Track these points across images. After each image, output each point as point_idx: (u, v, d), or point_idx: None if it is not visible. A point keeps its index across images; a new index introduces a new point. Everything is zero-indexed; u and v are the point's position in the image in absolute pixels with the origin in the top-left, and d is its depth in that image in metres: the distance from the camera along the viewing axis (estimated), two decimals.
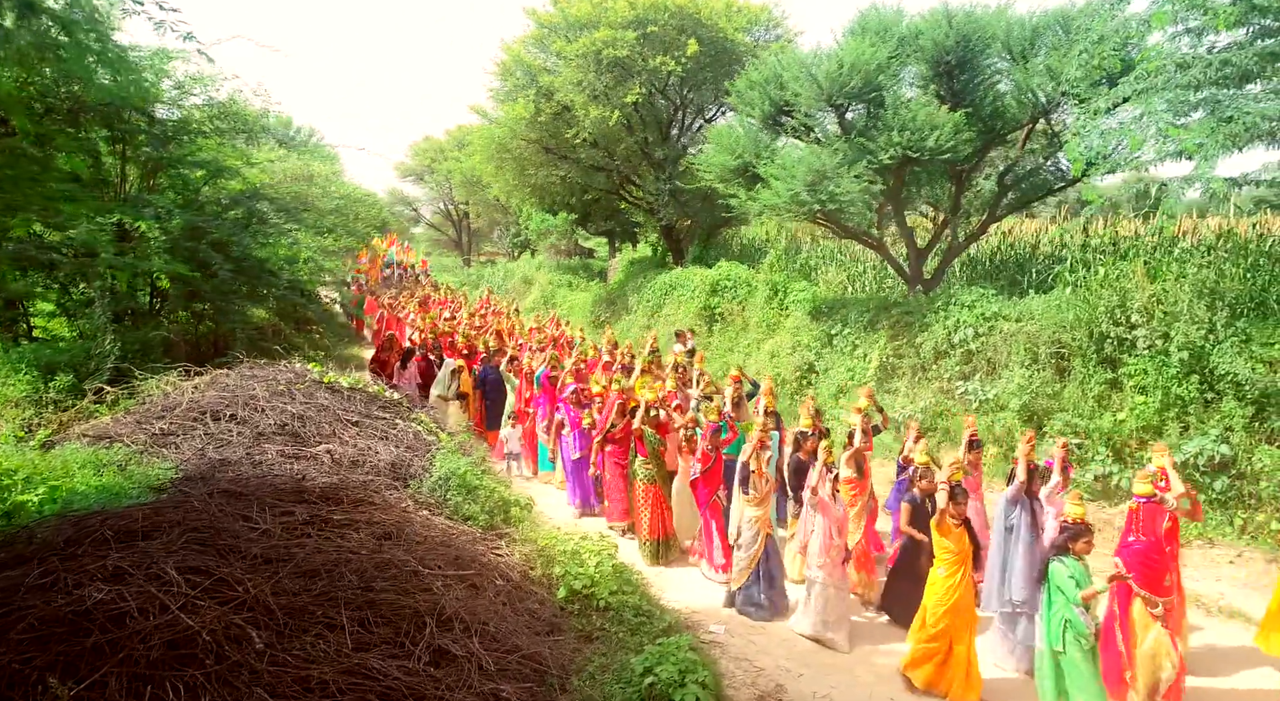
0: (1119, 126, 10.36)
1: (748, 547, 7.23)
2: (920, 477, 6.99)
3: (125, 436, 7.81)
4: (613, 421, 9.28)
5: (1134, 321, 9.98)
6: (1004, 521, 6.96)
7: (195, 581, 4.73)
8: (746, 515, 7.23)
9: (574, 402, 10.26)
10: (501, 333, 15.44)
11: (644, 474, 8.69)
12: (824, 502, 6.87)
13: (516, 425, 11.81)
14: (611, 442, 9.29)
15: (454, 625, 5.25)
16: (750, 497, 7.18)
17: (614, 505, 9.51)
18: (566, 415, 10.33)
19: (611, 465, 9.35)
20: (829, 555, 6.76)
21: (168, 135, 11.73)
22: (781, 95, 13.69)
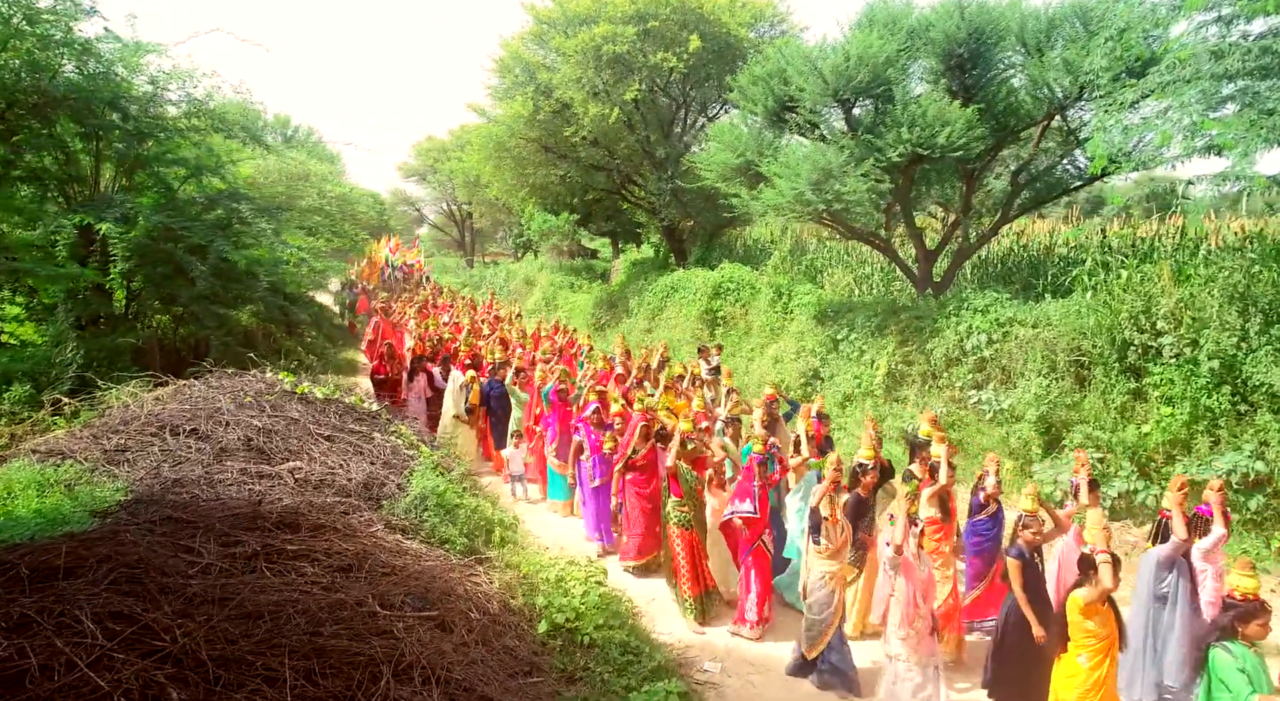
0: (1142, 122, 9.79)
1: (822, 608, 5.96)
2: (1025, 527, 5.73)
3: (79, 452, 7.28)
4: (634, 446, 8.12)
5: (1160, 328, 9.39)
6: (1154, 588, 5.77)
7: (114, 630, 4.18)
8: (818, 570, 5.95)
9: (594, 424, 9.04)
10: (506, 341, 14.56)
11: (678, 518, 7.28)
12: (909, 563, 5.68)
13: (521, 443, 10.79)
14: (633, 470, 8.16)
15: (414, 674, 4.69)
16: (823, 549, 5.91)
17: (630, 541, 8.26)
18: (586, 438, 9.04)
19: (632, 495, 8.15)
20: (913, 626, 5.64)
21: (142, 131, 11.21)
22: (785, 90, 13.12)
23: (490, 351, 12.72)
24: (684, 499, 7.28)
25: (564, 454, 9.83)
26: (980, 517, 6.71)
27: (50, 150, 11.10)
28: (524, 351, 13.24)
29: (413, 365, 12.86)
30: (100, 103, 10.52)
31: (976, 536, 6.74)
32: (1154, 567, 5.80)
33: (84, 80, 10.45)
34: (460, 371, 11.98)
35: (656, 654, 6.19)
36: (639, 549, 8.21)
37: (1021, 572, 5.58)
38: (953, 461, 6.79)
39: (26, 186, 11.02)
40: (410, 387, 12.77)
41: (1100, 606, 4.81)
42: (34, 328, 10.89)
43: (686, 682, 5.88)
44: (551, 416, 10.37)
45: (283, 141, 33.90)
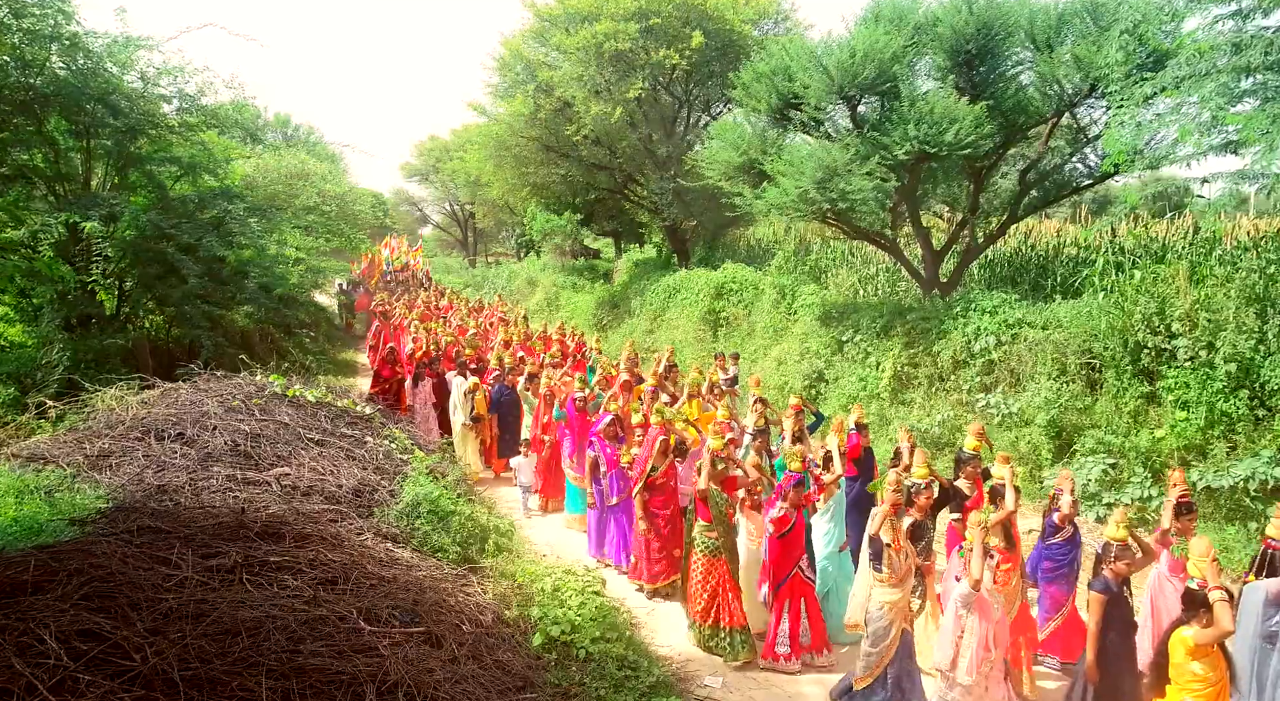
0: (1156, 118, 9.55)
1: (879, 640, 5.48)
2: (1116, 558, 5.20)
3: (61, 458, 7.07)
4: (654, 463, 7.45)
5: (1174, 330, 9.13)
6: (1261, 626, 5.24)
7: (81, 649, 3.96)
8: (878, 599, 5.47)
9: (609, 437, 8.38)
10: (510, 343, 14.04)
11: (705, 544, 6.57)
12: (984, 601, 5.15)
13: (530, 453, 10.12)
14: (651, 489, 7.48)
15: (399, 693, 4.46)
16: (885, 577, 5.41)
17: (645, 563, 7.63)
18: (601, 452, 8.34)
19: (649, 516, 7.52)
20: (981, 669, 5.14)
21: (134, 128, 11.00)
22: (789, 87, 12.89)
23: (497, 356, 12.09)
24: (713, 524, 6.56)
25: (582, 467, 9.25)
26: (1056, 541, 6.18)
27: (40, 148, 10.90)
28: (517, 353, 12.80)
29: (417, 371, 12.34)
30: (90, 99, 10.31)
31: (1050, 562, 6.20)
32: (1261, 604, 5.15)
33: (73, 76, 10.24)
34: (463, 377, 11.56)
35: (655, 668, 5.96)
36: (653, 573, 7.62)
37: (1106, 608, 5.08)
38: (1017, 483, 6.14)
39: (15, 185, 10.82)
40: (415, 393, 12.30)
41: (1210, 648, 4.43)
42: (22, 329, 10.70)
43: (686, 699, 5.65)
44: (568, 427, 9.75)
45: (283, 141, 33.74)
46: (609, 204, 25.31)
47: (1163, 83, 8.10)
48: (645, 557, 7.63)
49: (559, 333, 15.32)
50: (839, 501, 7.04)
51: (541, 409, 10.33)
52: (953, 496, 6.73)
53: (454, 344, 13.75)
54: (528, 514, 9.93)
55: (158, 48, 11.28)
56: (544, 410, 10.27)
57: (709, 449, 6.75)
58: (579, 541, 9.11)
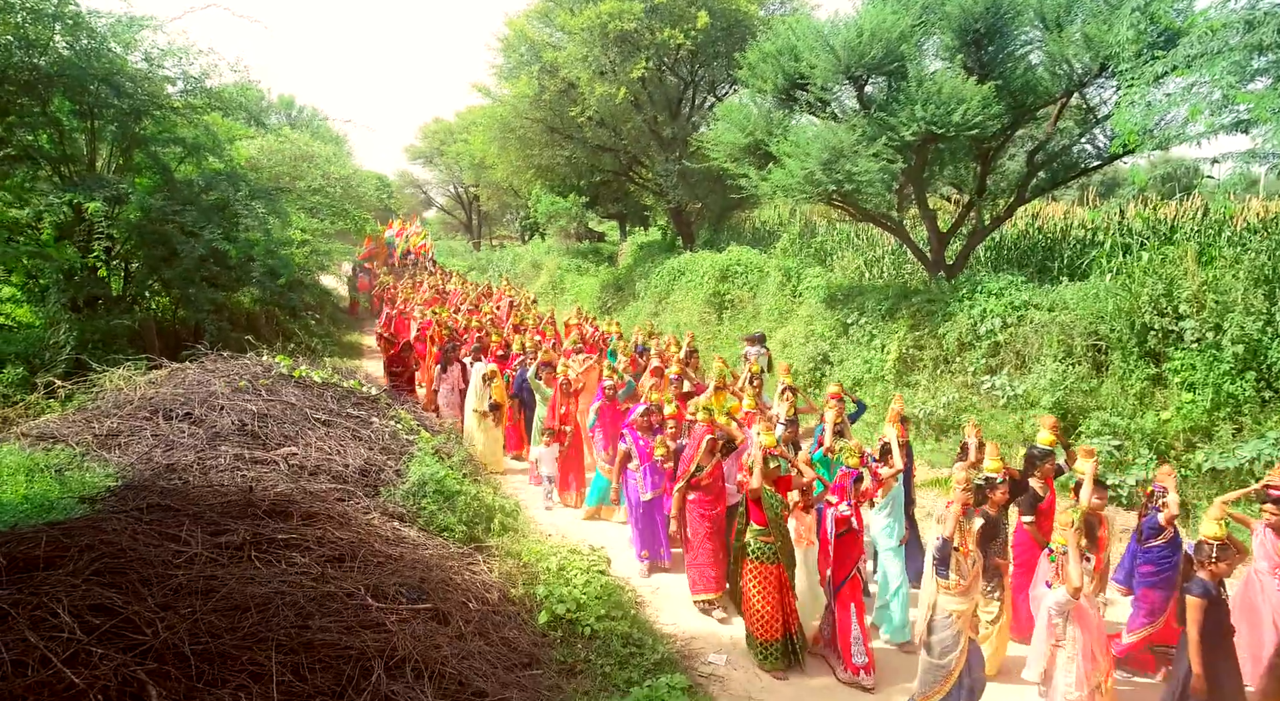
0: (1166, 98, 9.44)
1: (944, 652, 5.11)
2: (1215, 559, 4.82)
3: (70, 437, 7.12)
4: (699, 462, 6.99)
5: (1181, 311, 9.09)
6: None
7: (93, 623, 4.01)
8: (944, 607, 5.09)
9: (643, 429, 7.91)
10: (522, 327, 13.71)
11: (760, 549, 6.09)
12: (1083, 610, 4.77)
13: (552, 443, 9.68)
14: (696, 490, 7.05)
15: (407, 668, 4.52)
16: (951, 584, 5.04)
17: (699, 572, 7.03)
18: (634, 444, 7.85)
19: (696, 519, 7.00)
20: (1090, 682, 4.76)
21: (138, 110, 10.97)
22: (796, 68, 12.77)
23: (519, 342, 11.67)
24: (768, 527, 6.06)
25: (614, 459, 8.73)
26: (1157, 544, 5.75)
27: (44, 128, 10.89)
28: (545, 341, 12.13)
29: (446, 355, 11.86)
30: (94, 79, 10.29)
31: (1151, 565, 5.78)
32: None
33: (77, 56, 10.21)
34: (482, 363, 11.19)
35: (660, 646, 6.01)
36: (710, 581, 6.98)
37: (1205, 613, 4.70)
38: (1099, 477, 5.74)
39: (21, 166, 10.82)
40: (443, 378, 11.80)
41: None
42: (29, 309, 10.73)
43: (690, 676, 5.70)
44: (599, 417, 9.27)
45: (287, 122, 33.62)
46: (614, 186, 25.22)
47: (1174, 61, 8.00)
48: (694, 564, 7.06)
49: (578, 317, 14.78)
50: (897, 496, 6.70)
51: (558, 397, 9.92)
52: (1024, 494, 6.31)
53: (479, 329, 13.36)
54: (550, 506, 9.57)
55: (161, 28, 11.25)
56: (561, 399, 9.88)
57: (760, 445, 6.19)
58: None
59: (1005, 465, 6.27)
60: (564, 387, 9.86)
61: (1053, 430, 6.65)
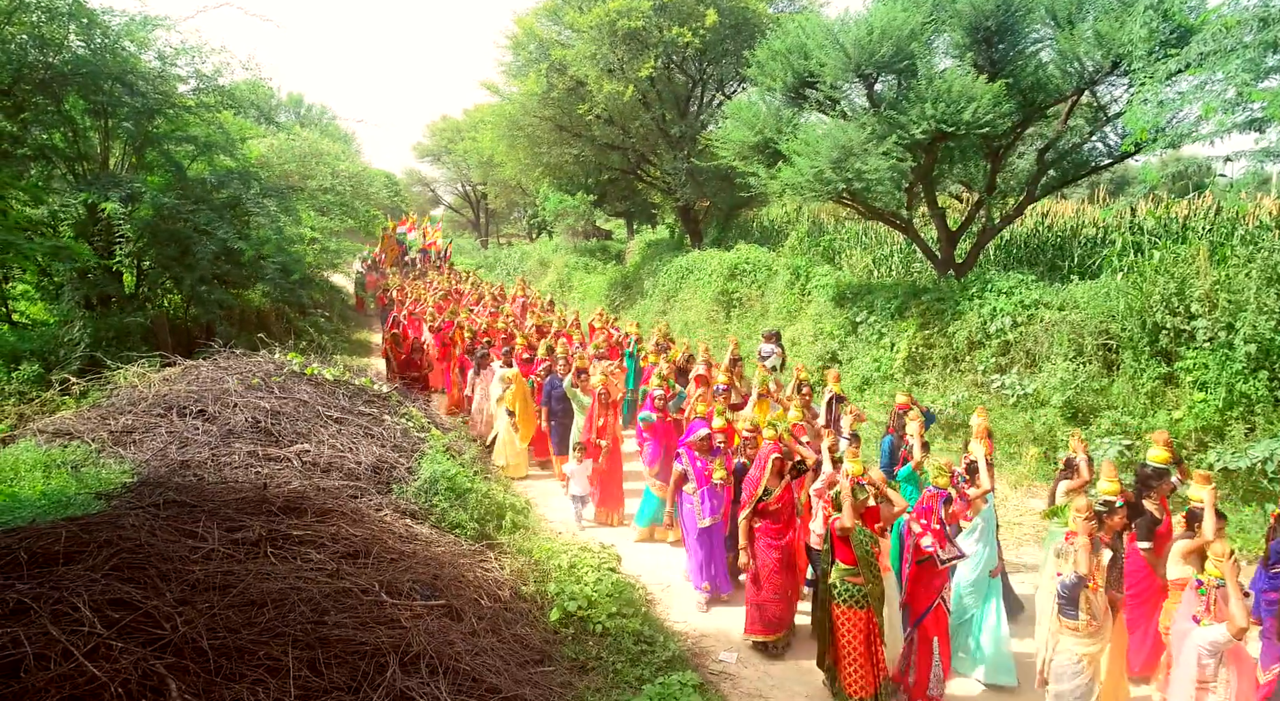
0: (1178, 96, 9.41)
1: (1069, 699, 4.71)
2: None
3: (86, 433, 7.19)
4: (766, 485, 6.30)
5: (1193, 310, 9.06)
6: None
7: (113, 618, 4.06)
8: (1071, 651, 4.64)
9: (701, 450, 7.11)
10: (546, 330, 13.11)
11: (849, 593, 5.35)
12: (1241, 651, 4.36)
13: (585, 459, 8.92)
14: (763, 516, 6.32)
15: (421, 664, 4.55)
16: (1081, 624, 4.59)
17: (760, 609, 6.29)
18: (691, 466, 7.05)
19: (764, 549, 6.27)
20: None
21: (151, 108, 11.04)
22: (805, 66, 12.76)
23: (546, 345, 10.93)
24: (856, 567, 5.32)
25: (666, 475, 8.04)
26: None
27: (58, 127, 10.97)
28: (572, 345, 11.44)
29: (480, 357, 11.43)
30: (108, 78, 10.36)
31: (1277, 593, 5.24)
32: None
33: (91, 55, 10.28)
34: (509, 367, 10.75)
35: (671, 644, 6.03)
36: (770, 619, 6.27)
37: None
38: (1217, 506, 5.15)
39: (35, 164, 10.91)
40: (476, 382, 11.38)
41: None
42: (44, 307, 10.81)
43: (702, 674, 5.73)
44: (650, 431, 8.57)
45: (296, 120, 33.73)
46: (622, 184, 25.21)
47: (1187, 59, 7.97)
48: (757, 599, 6.30)
49: (601, 320, 14.30)
50: (988, 518, 6.08)
51: (596, 409, 9.18)
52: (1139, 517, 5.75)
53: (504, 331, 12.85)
54: (582, 526, 8.83)
55: (175, 27, 11.32)
56: (599, 411, 9.14)
57: (848, 474, 5.48)
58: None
59: (1124, 489, 5.73)
60: (602, 398, 9.12)
61: (1166, 446, 6.05)
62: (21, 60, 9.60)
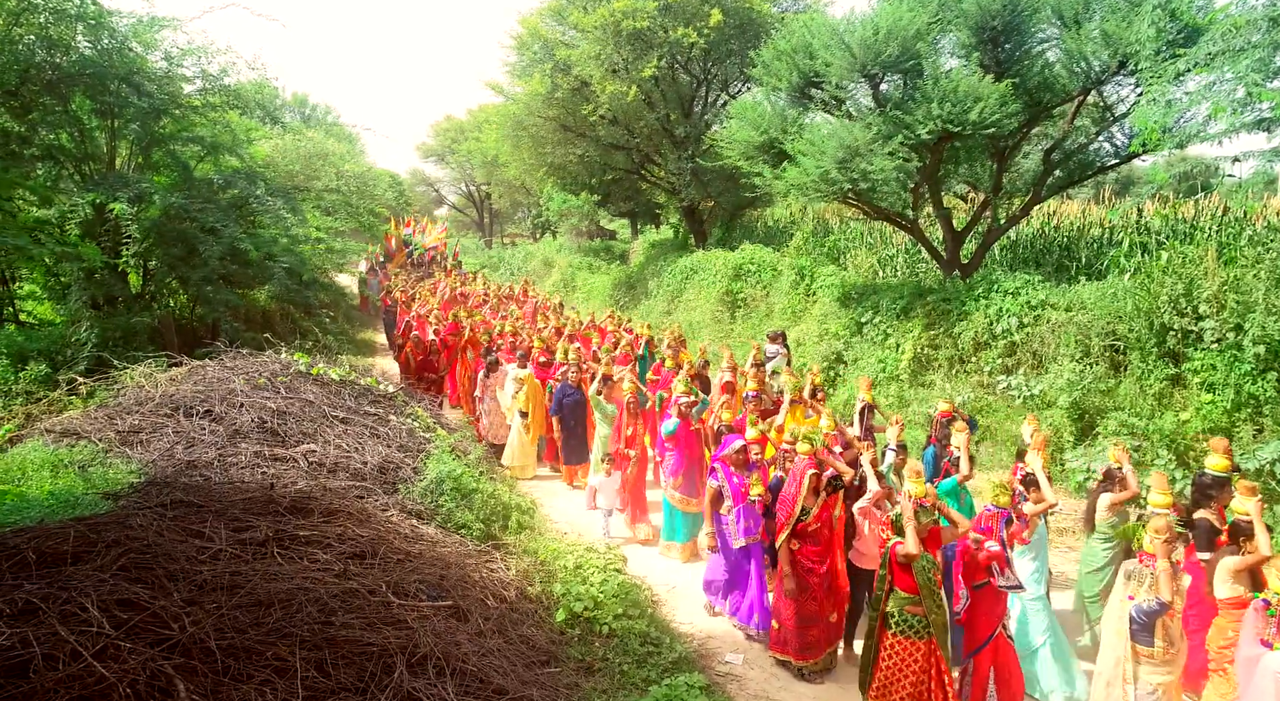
0: (1186, 97, 9.38)
1: None
2: None
3: (93, 433, 7.21)
4: (803, 503, 5.83)
5: (1201, 311, 9.03)
6: None
7: (121, 618, 4.06)
8: (1146, 682, 4.45)
9: (737, 465, 6.56)
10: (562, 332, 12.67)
11: (907, 623, 4.94)
12: None
13: (614, 471, 8.45)
14: (801, 537, 5.87)
15: (428, 665, 4.55)
16: (1156, 652, 4.35)
17: (796, 632, 5.87)
18: (727, 483, 6.48)
19: (803, 574, 5.86)
20: None
21: (158, 109, 11.07)
22: (811, 65, 12.75)
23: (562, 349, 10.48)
24: (918, 595, 4.88)
25: (689, 487, 7.81)
26: None
27: (65, 127, 11.00)
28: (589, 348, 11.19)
29: (490, 362, 11.14)
30: (115, 79, 10.39)
31: None
32: None
33: (98, 55, 10.31)
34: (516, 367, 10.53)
35: (677, 645, 6.02)
36: (810, 641, 5.89)
37: None
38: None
39: (42, 165, 10.94)
40: (486, 384, 11.09)
41: None
42: (51, 307, 10.84)
43: (708, 675, 5.71)
44: (675, 443, 7.99)
45: (300, 120, 33.79)
46: (626, 184, 25.22)
47: (1195, 58, 7.95)
48: (792, 625, 5.89)
49: (614, 322, 13.92)
50: (1042, 536, 5.85)
51: (625, 418, 8.79)
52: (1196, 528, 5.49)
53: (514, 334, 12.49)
54: (609, 541, 8.23)
55: (182, 27, 11.34)
56: (628, 419, 8.75)
57: (910, 495, 5.03)
58: (596, 517, 8.60)
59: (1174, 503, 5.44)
60: (630, 406, 8.72)
61: (1227, 454, 5.75)
62: (29, 61, 9.64)
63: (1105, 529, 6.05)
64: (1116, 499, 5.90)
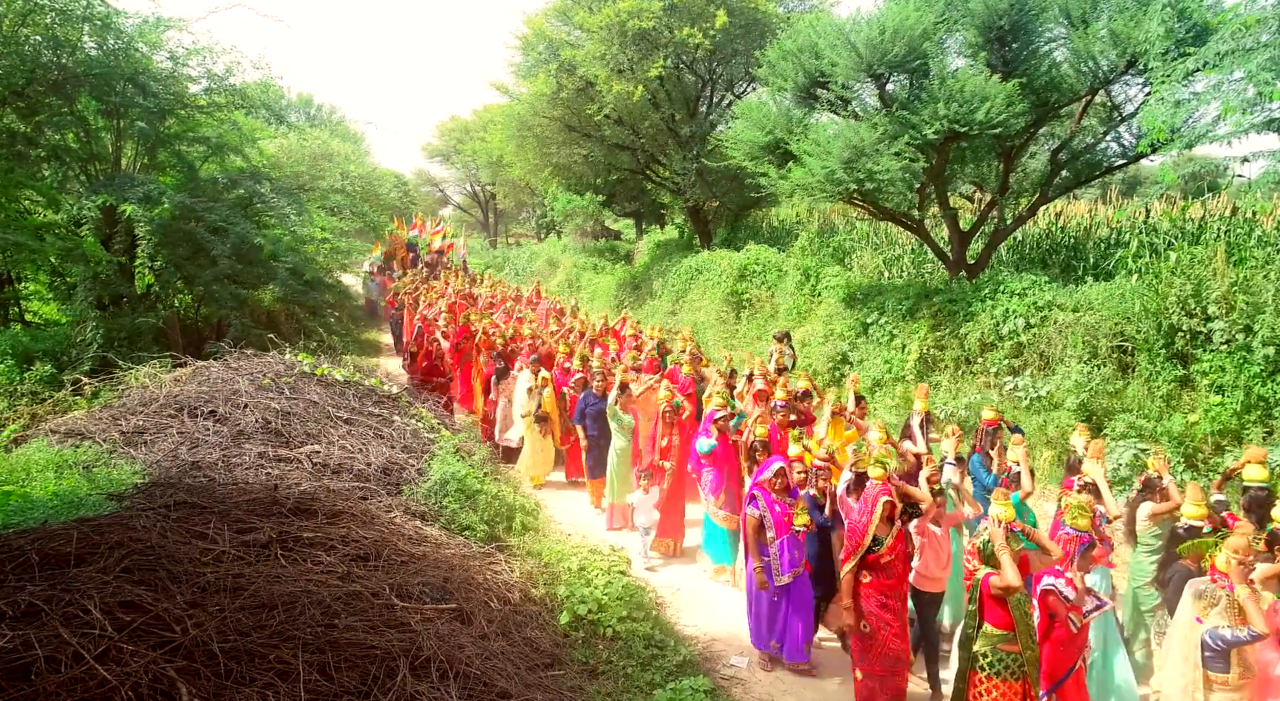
0: (1194, 97, 9.31)
1: None
2: None
3: (98, 433, 7.22)
4: (874, 533, 5.28)
5: (1210, 312, 8.95)
6: None
7: (124, 620, 4.05)
8: None
9: (777, 491, 6.08)
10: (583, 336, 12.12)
11: (1000, 661, 4.52)
12: None
13: (652, 487, 7.98)
14: (872, 570, 5.32)
15: (432, 668, 4.53)
16: (1231, 679, 4.19)
17: (881, 681, 5.33)
18: (769, 511, 5.97)
19: (875, 610, 5.29)
20: None
21: (164, 109, 11.08)
22: (816, 65, 12.69)
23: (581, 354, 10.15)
24: (1013, 632, 4.46)
25: (731, 504, 7.42)
26: None
27: (71, 128, 11.02)
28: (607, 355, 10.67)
29: (501, 367, 10.83)
30: (121, 79, 10.41)
31: None
32: None
33: (104, 56, 10.34)
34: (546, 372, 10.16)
35: (682, 648, 6.00)
36: (892, 692, 5.35)
37: None
38: None
39: (49, 165, 10.97)
40: (500, 389, 10.73)
41: None
42: (56, 307, 10.87)
43: (713, 679, 5.68)
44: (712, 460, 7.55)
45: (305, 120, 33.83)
46: (631, 185, 25.19)
47: (1205, 58, 7.88)
48: (879, 670, 5.29)
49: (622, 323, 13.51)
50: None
51: (660, 429, 8.32)
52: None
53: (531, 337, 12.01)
54: (649, 563, 7.92)
55: (187, 28, 11.36)
56: (663, 430, 8.27)
57: (998, 519, 4.60)
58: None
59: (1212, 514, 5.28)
60: (665, 416, 8.23)
61: (1263, 463, 5.59)
62: (35, 61, 9.67)
63: (1149, 539, 5.79)
64: (1158, 510, 5.65)
